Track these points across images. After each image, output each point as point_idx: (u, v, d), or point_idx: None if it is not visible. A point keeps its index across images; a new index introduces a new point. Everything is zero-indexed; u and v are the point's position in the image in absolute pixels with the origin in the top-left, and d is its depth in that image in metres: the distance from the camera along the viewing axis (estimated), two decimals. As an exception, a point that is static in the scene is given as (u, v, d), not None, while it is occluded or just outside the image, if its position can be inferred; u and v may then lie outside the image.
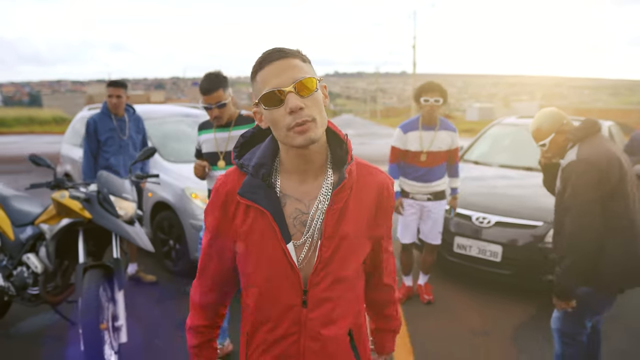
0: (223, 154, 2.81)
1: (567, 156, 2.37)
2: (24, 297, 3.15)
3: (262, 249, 1.20)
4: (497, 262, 4.04)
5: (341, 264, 1.22)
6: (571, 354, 2.47)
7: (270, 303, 1.23)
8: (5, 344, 3.31)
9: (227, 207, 1.23)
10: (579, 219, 2.23)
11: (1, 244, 3.31)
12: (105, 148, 4.08)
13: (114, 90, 4.04)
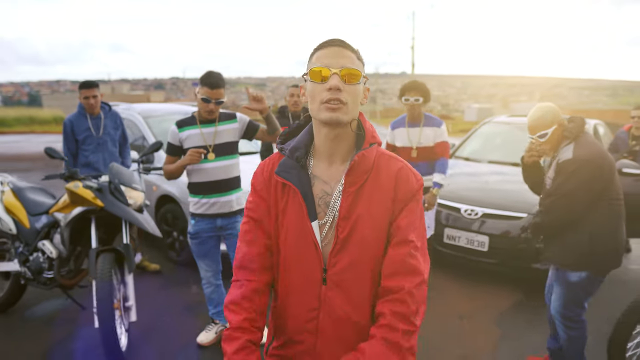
0: (212, 147, 2.99)
1: (563, 153, 2.55)
2: (39, 281, 3.38)
3: (292, 224, 1.30)
4: (485, 252, 4.27)
5: (358, 246, 1.26)
6: (577, 335, 2.65)
7: (295, 276, 1.31)
8: (21, 326, 3.53)
9: (269, 181, 1.34)
10: (572, 209, 2.48)
11: (17, 231, 3.54)
12: (84, 147, 4.20)
13: (89, 91, 4.12)
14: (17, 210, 3.56)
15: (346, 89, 1.23)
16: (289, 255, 1.31)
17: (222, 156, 3.01)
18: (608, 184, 2.50)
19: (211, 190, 3.02)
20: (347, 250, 1.27)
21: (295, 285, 1.31)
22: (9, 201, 3.60)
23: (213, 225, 3.07)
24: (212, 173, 3.00)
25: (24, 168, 11.99)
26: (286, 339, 1.35)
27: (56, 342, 3.29)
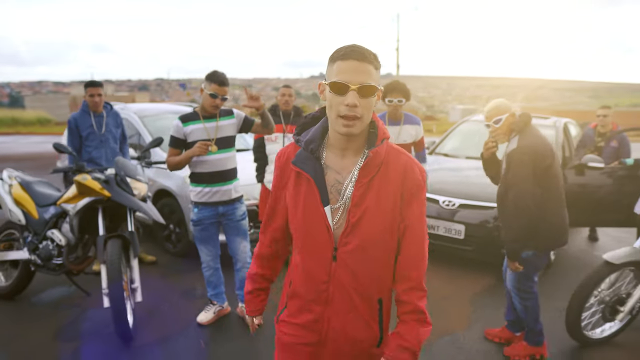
0: (214, 140, 3.28)
1: (510, 145, 2.91)
2: (49, 267, 3.63)
3: (306, 209, 1.45)
4: (461, 240, 4.62)
5: (366, 231, 1.42)
6: (531, 305, 2.99)
7: (309, 253, 1.48)
8: (30, 311, 3.77)
9: (284, 170, 1.52)
10: (519, 196, 2.78)
11: (26, 222, 3.79)
12: (87, 143, 4.42)
13: (95, 89, 4.40)
14: (25, 202, 3.81)
15: (362, 103, 1.35)
16: (303, 235, 1.48)
17: (223, 149, 3.31)
18: (549, 170, 2.83)
19: (213, 179, 3.30)
20: (357, 234, 1.42)
21: (308, 261, 1.48)
22: (17, 194, 3.85)
23: (215, 212, 3.36)
24: (214, 164, 3.29)
25: (14, 167, 12.07)
26: (298, 308, 1.52)
27: (65, 324, 3.54)
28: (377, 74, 1.39)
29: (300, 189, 1.47)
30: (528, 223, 2.77)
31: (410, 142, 4.18)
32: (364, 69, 1.34)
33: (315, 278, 1.47)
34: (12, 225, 4.00)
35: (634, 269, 3.25)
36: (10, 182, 3.97)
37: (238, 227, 3.45)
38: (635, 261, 3.15)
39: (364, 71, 1.34)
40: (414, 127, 4.18)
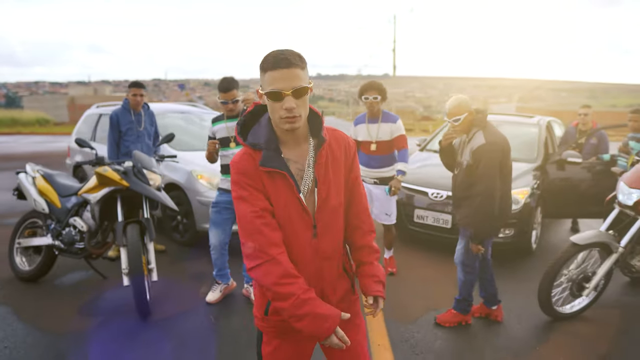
0: (233, 138, 3.70)
1: (476, 140, 3.19)
2: (71, 251, 3.99)
3: (287, 201, 1.61)
4: (448, 229, 5.00)
5: (332, 202, 1.66)
6: (471, 279, 3.43)
7: (293, 238, 1.63)
8: (53, 292, 4.12)
9: (251, 177, 1.60)
10: (490, 185, 3.15)
11: (49, 211, 4.14)
12: (126, 137, 4.85)
13: (138, 90, 4.81)
14: (49, 192, 4.16)
15: (298, 103, 1.53)
16: (286, 226, 1.63)
17: (241, 145, 3.67)
18: (508, 165, 3.23)
19: (229, 171, 3.69)
20: (326, 208, 1.66)
21: (293, 245, 1.64)
22: (41, 185, 4.21)
23: (229, 200, 3.73)
24: (231, 158, 3.66)
25: (21, 166, 12.40)
26: None
27: (87, 302, 3.89)
28: (305, 72, 1.56)
29: (277, 185, 1.60)
30: (492, 212, 3.14)
31: (388, 139, 4.29)
32: (293, 74, 1.51)
33: (303, 259, 1.65)
34: (35, 214, 4.35)
35: (599, 250, 3.63)
36: (34, 175, 4.32)
37: None
38: (599, 242, 3.53)
39: (294, 76, 1.51)
40: (389, 125, 4.30)
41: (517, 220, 4.89)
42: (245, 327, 3.51)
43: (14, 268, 4.33)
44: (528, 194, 4.99)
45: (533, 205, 5.09)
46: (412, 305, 3.94)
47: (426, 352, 3.21)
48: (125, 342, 3.26)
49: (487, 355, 3.18)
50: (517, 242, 4.97)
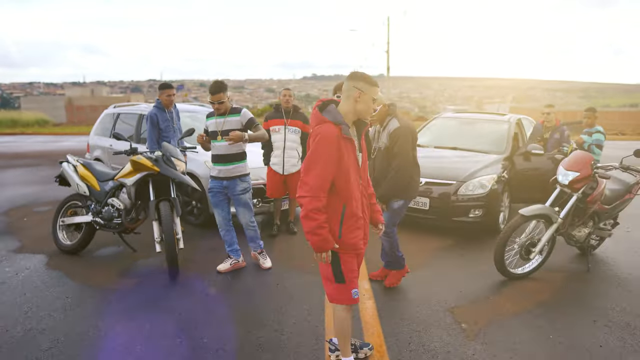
0: (220, 132, 4.41)
1: (392, 124, 3.94)
2: (110, 226, 4.79)
3: (350, 156, 2.56)
4: (426, 210, 5.83)
5: (365, 161, 2.74)
6: (393, 241, 4.15)
7: (353, 186, 2.59)
8: (93, 261, 4.92)
9: (340, 142, 2.50)
10: (404, 162, 3.95)
11: (90, 193, 4.94)
12: (164, 134, 5.54)
13: (171, 90, 5.55)
14: (89, 178, 4.96)
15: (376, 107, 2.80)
16: (347, 171, 2.55)
17: (224, 139, 4.39)
18: (416, 145, 4.06)
19: (219, 160, 4.46)
20: (364, 165, 2.74)
21: (354, 191, 2.61)
22: (82, 172, 5.01)
23: (220, 184, 4.49)
24: (220, 149, 4.44)
25: (32, 163, 13.17)
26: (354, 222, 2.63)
27: (123, 268, 4.70)
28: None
29: (348, 147, 2.56)
30: (404, 181, 3.97)
31: None
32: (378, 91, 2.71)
33: (359, 200, 2.66)
34: (74, 197, 5.14)
35: (543, 221, 4.47)
36: (75, 164, 5.11)
37: (238, 199, 4.55)
38: (542, 214, 4.37)
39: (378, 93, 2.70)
40: None
41: (485, 202, 5.72)
42: (259, 286, 4.31)
43: (57, 243, 5.12)
44: (495, 180, 5.82)
45: (500, 191, 5.92)
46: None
47: (402, 299, 4.03)
48: (159, 295, 4.07)
49: (450, 300, 3.99)
50: (486, 221, 5.80)
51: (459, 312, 3.78)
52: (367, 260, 4.73)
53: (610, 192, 4.75)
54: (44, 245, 5.37)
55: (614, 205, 4.81)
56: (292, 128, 5.57)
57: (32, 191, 8.90)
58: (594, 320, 3.67)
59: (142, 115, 7.22)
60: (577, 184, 4.37)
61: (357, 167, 2.64)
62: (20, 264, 4.78)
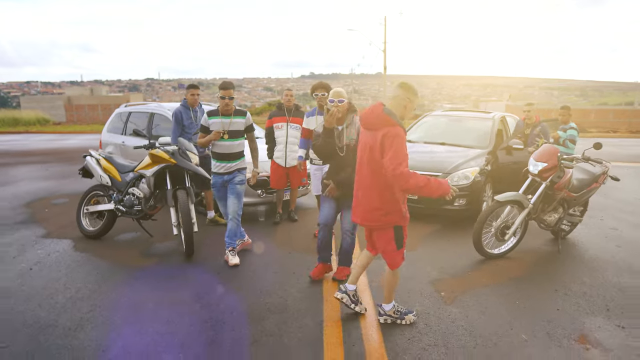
0: (226, 131, 4.82)
1: (358, 121, 3.90)
2: (131, 213, 5.34)
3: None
4: (416, 199, 6.39)
5: None
6: (353, 241, 4.28)
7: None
8: (115, 244, 5.48)
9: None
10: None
11: (112, 184, 5.50)
12: (187, 130, 6.03)
13: (195, 90, 6.04)
14: (111, 170, 5.52)
15: None
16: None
17: (232, 138, 4.84)
18: None
19: (223, 158, 4.88)
20: None
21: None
22: (105, 164, 5.57)
23: (222, 179, 4.93)
24: (224, 147, 4.85)
25: (41, 160, 13.70)
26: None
27: (142, 250, 5.26)
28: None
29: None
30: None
31: None
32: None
33: None
34: (97, 188, 5.70)
35: (516, 206, 5.04)
36: (98, 157, 5.67)
37: (233, 188, 4.85)
38: (514, 200, 4.94)
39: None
40: None
41: (469, 192, 6.29)
42: (265, 264, 4.87)
43: (81, 229, 5.68)
44: (477, 172, 6.40)
45: (482, 182, 6.49)
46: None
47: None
48: (177, 271, 4.63)
49: (433, 275, 4.55)
50: (469, 209, 6.37)
51: (439, 284, 4.35)
52: (375, 289, 5.29)
53: (577, 181, 5.32)
54: (68, 232, 5.93)
55: (582, 193, 5.38)
56: (293, 125, 6.13)
57: (46, 185, 9.46)
58: (555, 290, 4.25)
59: (153, 114, 7.77)
60: (546, 173, 4.94)
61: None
62: (50, 247, 5.34)
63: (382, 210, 3.31)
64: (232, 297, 4.01)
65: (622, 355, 3.14)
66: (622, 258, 5.14)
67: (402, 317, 3.54)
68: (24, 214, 6.94)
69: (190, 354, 3.07)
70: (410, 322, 3.54)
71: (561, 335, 3.41)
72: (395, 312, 3.54)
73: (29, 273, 4.52)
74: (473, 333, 3.42)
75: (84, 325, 3.45)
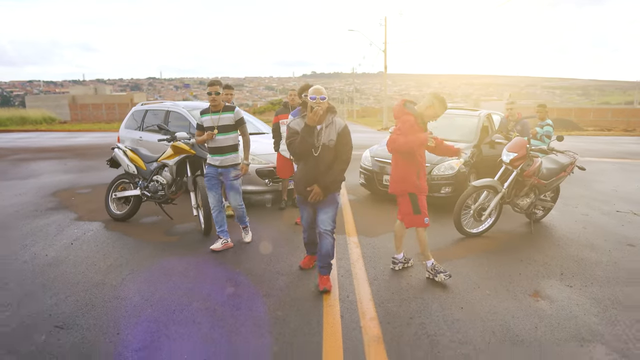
0: (216, 127, 5.09)
1: (337, 123, 3.92)
2: (155, 198, 6.10)
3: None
4: (406, 188, 7.14)
5: None
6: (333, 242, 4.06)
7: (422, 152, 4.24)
8: (140, 226, 6.23)
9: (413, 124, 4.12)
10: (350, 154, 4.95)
11: (137, 172, 6.26)
12: None
13: (229, 90, 6.71)
14: (137, 160, 6.28)
15: None
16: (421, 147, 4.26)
17: (222, 132, 5.09)
18: None
19: (216, 152, 5.13)
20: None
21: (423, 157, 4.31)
22: (131, 155, 6.32)
23: (215, 171, 5.13)
24: (216, 142, 5.08)
25: (58, 156, 14.48)
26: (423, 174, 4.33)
27: (166, 229, 6.01)
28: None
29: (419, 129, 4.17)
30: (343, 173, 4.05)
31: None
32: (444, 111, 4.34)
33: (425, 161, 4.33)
34: (123, 176, 6.46)
35: (491, 191, 5.78)
36: (124, 149, 6.43)
37: (231, 185, 5.19)
38: (489, 185, 5.68)
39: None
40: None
41: (454, 181, 7.03)
42: (272, 239, 5.62)
43: (109, 212, 6.44)
44: (462, 163, 7.13)
45: (467, 172, 7.22)
46: (379, 234, 6.08)
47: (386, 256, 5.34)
48: (198, 245, 5.38)
49: (417, 249, 5.29)
50: (455, 197, 7.10)
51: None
52: (366, 259, 6.04)
53: (547, 170, 6.06)
54: (97, 215, 6.69)
55: (551, 181, 6.12)
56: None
57: (68, 178, 10.24)
58: (520, 260, 5.00)
59: (169, 112, 8.54)
60: (516, 162, 5.68)
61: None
62: (84, 227, 6.10)
63: (400, 181, 4.32)
64: (246, 264, 4.76)
65: (565, 305, 3.88)
66: (586, 238, 5.88)
67: (436, 274, 4.32)
68: (54, 202, 7.71)
69: (216, 302, 3.82)
70: (442, 280, 4.29)
71: (519, 291, 4.15)
72: (432, 269, 4.35)
73: (71, 247, 5.28)
74: (446, 290, 4.16)
75: (126, 284, 4.21)
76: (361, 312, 3.70)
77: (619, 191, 9.14)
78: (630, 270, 4.73)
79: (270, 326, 3.44)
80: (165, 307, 3.72)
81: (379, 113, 67.93)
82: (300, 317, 3.61)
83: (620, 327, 3.49)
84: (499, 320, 3.59)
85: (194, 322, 3.47)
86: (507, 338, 3.32)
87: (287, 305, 3.82)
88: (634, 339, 3.32)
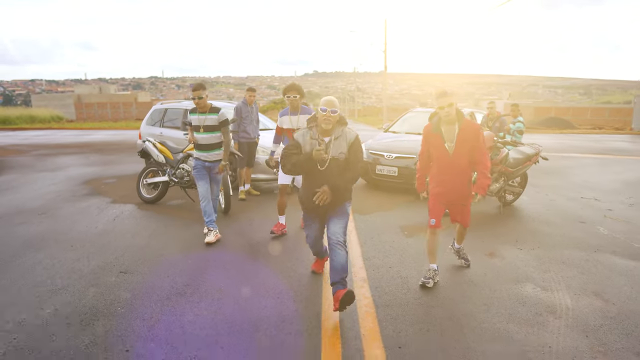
0: (202, 127, 5.54)
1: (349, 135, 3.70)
2: (181, 183, 7.18)
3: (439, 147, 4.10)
4: (396, 176, 8.22)
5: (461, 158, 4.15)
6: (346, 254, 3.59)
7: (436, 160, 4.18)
8: (168, 207, 7.31)
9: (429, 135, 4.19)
10: (363, 165, 6.30)
11: (165, 162, 7.35)
12: (244, 122, 7.85)
13: (253, 92, 7.87)
14: (165, 151, 7.37)
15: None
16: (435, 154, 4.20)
17: (207, 132, 5.54)
18: None
19: (202, 148, 5.61)
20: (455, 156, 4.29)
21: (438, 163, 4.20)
22: (160, 147, 7.42)
23: (203, 164, 5.60)
24: (202, 139, 5.57)
25: (78, 152, 15.57)
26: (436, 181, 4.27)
27: (190, 209, 7.09)
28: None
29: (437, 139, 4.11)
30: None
31: None
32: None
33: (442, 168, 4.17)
34: (152, 165, 7.54)
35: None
36: (154, 142, 7.52)
37: (214, 178, 5.72)
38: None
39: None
40: (306, 116, 5.51)
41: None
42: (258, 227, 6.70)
43: (140, 196, 7.54)
44: (444, 155, 8.20)
45: (449, 163, 8.29)
46: (372, 219, 7.16)
47: (393, 250, 6.42)
48: (219, 222, 6.45)
49: (401, 223, 6.35)
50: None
51: (405, 228, 6.18)
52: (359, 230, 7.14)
53: (514, 159, 7.12)
54: (129, 199, 7.79)
55: (518, 169, 7.18)
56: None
57: (93, 170, 11.33)
58: (486, 232, 6.07)
59: (187, 110, 9.63)
60: (486, 152, 6.74)
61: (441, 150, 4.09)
62: (120, 208, 7.19)
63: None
64: (260, 237, 5.84)
65: (511, 261, 4.95)
66: (547, 217, 6.94)
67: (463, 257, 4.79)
68: (87, 189, 8.80)
69: (236, 263, 4.91)
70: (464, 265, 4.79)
71: (477, 252, 5.23)
72: (460, 252, 4.80)
73: (114, 222, 6.37)
74: (418, 251, 5.24)
75: (168, 246, 5.30)
76: (353, 263, 4.78)
77: (590, 181, 10.19)
78: (574, 238, 5.81)
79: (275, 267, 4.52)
80: (203, 260, 4.81)
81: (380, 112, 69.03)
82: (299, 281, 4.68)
83: (548, 274, 4.57)
84: (459, 269, 4.68)
85: (224, 268, 4.56)
86: (463, 281, 4.40)
87: (291, 273, 4.90)
88: (555, 280, 4.40)
